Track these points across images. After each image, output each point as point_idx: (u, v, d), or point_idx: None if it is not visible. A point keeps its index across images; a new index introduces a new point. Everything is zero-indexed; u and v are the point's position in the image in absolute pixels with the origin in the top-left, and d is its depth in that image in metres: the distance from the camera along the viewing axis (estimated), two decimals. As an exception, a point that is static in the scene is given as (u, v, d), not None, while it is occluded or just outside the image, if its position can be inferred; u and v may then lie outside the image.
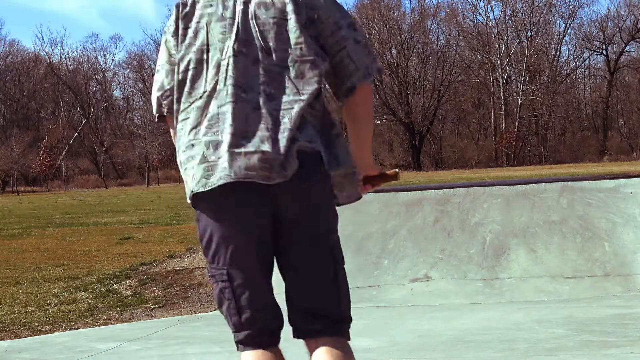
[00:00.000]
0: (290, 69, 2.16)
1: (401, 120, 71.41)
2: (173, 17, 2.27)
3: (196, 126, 2.16)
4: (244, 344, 2.30)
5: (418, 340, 4.83)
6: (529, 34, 73.70)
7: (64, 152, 73.25)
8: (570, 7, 73.75)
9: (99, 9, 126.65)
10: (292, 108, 2.12)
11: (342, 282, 2.35)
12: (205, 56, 2.19)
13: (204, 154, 2.13)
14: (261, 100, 2.13)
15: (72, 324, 6.51)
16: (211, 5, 2.22)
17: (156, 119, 2.41)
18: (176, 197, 36.27)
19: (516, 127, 70.60)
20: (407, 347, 4.65)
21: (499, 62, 72.24)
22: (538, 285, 6.44)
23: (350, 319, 2.32)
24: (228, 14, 2.20)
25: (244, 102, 2.13)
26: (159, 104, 2.34)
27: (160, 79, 2.33)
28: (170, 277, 8.21)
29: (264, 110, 2.12)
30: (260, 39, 2.18)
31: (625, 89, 74.32)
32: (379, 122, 72.39)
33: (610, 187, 7.10)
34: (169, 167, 74.10)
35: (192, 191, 2.17)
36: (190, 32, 2.22)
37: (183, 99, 2.20)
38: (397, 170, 2.52)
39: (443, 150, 75.50)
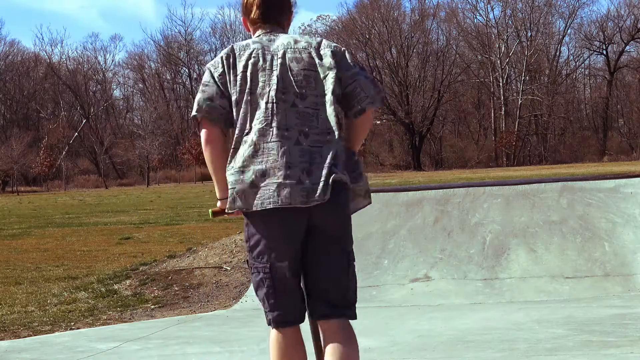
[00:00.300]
0: (320, 110, 2.75)
1: (401, 120, 71.42)
2: (221, 63, 2.83)
3: (247, 156, 2.73)
4: (276, 322, 2.82)
5: (418, 340, 4.83)
6: (529, 34, 73.73)
7: (64, 152, 73.26)
8: (570, 7, 73.82)
9: (99, 9, 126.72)
10: (325, 144, 2.72)
11: (352, 277, 2.85)
12: (249, 97, 2.76)
13: (253, 180, 2.70)
14: (299, 138, 2.71)
15: (72, 324, 6.51)
16: (254, 58, 2.79)
17: (193, 118, 2.91)
18: (176, 197, 36.27)
19: (516, 127, 70.61)
20: (407, 347, 4.65)
21: (499, 62, 72.26)
22: (538, 285, 6.44)
23: (356, 302, 2.86)
24: (267, 65, 2.78)
25: (286, 139, 2.70)
26: (201, 109, 2.85)
27: (210, 94, 2.82)
28: (170, 277, 8.21)
29: (302, 146, 2.70)
30: (295, 86, 2.75)
31: (625, 89, 74.32)
32: (378, 122, 72.42)
33: (610, 187, 7.10)
34: (169, 167, 74.16)
35: (244, 209, 2.74)
36: (239, 79, 2.78)
37: (236, 132, 2.79)
38: None
39: (443, 150, 75.50)
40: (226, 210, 2.80)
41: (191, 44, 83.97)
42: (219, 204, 2.88)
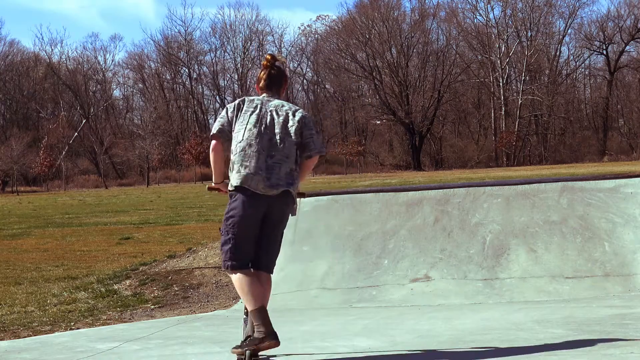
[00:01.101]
0: (285, 144, 4.48)
1: (401, 120, 71.41)
2: (233, 106, 4.62)
3: (239, 159, 4.50)
4: (233, 267, 4.39)
5: (418, 340, 4.84)
6: (529, 34, 73.71)
7: (63, 152, 73.23)
8: (570, 7, 73.77)
9: (99, 9, 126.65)
10: (283, 164, 4.46)
11: (279, 248, 4.64)
12: (245, 128, 4.51)
13: (240, 171, 4.47)
14: (269, 157, 4.45)
15: (72, 324, 6.51)
16: (255, 107, 4.57)
17: (211, 135, 4.61)
18: (176, 197, 36.26)
19: (516, 127, 70.59)
20: (407, 347, 4.65)
21: (499, 62, 72.24)
22: (538, 285, 6.44)
23: (274, 265, 4.59)
24: (262, 113, 4.55)
25: (261, 155, 4.44)
26: (217, 131, 4.59)
27: (222, 122, 4.61)
28: (170, 277, 8.21)
29: (269, 162, 4.44)
30: (274, 127, 4.51)
31: (625, 89, 74.30)
32: (379, 122, 72.46)
33: (610, 187, 7.10)
34: (169, 167, 74.13)
35: (233, 185, 4.46)
36: (240, 117, 4.56)
37: (233, 145, 4.55)
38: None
39: (443, 150, 75.48)
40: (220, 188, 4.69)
41: (191, 44, 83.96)
42: (213, 184, 4.76)
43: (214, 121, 4.79)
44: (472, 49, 74.94)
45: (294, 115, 4.55)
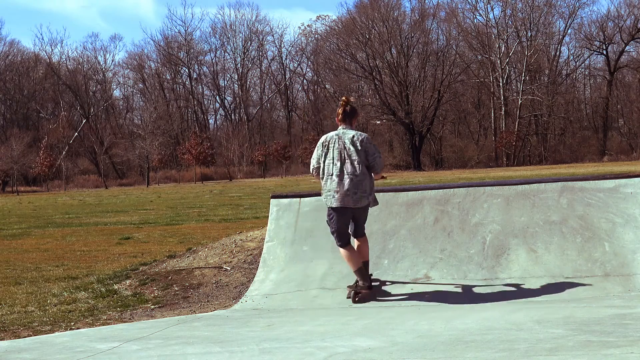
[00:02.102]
0: (361, 165, 6.53)
1: (401, 120, 71.43)
2: (321, 143, 6.69)
3: (327, 183, 6.61)
4: (341, 245, 6.65)
5: (418, 340, 4.84)
6: (529, 34, 73.73)
7: (64, 152, 73.26)
8: (570, 7, 73.82)
9: (99, 9, 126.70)
10: (362, 181, 6.54)
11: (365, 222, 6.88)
12: (331, 161, 6.60)
13: (329, 197, 6.63)
14: (351, 177, 6.52)
15: (72, 324, 6.51)
16: (334, 144, 6.61)
17: (312, 174, 6.77)
18: (176, 197, 36.27)
19: (516, 127, 70.61)
20: (407, 347, 4.65)
21: (499, 62, 72.26)
22: (538, 285, 6.45)
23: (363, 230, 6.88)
24: (337, 146, 6.59)
25: (344, 178, 6.55)
26: (314, 170, 6.75)
27: (314, 161, 6.71)
28: (170, 277, 8.21)
29: (353, 181, 6.52)
30: (350, 154, 6.54)
31: (625, 89, 74.32)
32: (379, 122, 72.48)
33: (610, 187, 7.10)
34: (169, 167, 74.18)
35: (330, 206, 6.64)
36: (327, 152, 6.64)
37: (323, 174, 6.65)
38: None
39: (443, 150, 75.51)
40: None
41: (191, 44, 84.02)
42: None
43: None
44: (472, 49, 74.98)
45: (361, 142, 6.54)
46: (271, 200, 8.12)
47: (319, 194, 8.13)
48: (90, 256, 12.07)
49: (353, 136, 6.53)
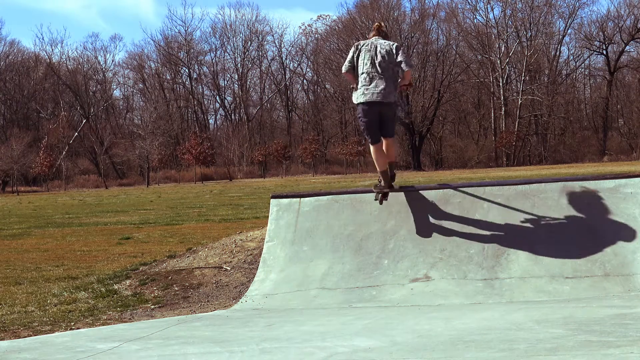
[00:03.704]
0: (389, 67, 7.35)
1: (401, 120, 71.37)
2: (354, 46, 7.60)
3: (361, 82, 7.40)
4: (371, 142, 7.54)
5: (418, 340, 4.84)
6: (529, 34, 73.70)
7: (64, 152, 73.22)
8: (570, 7, 73.77)
9: (99, 9, 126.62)
10: (389, 78, 7.34)
11: (394, 126, 7.85)
12: (362, 62, 7.43)
13: (363, 90, 7.38)
14: (380, 76, 7.32)
15: (72, 324, 6.51)
16: (366, 47, 7.48)
17: (343, 72, 7.56)
18: (176, 197, 36.27)
19: (516, 127, 70.59)
20: (407, 347, 4.65)
21: (499, 62, 72.24)
22: (538, 285, 6.45)
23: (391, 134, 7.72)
24: (370, 48, 7.44)
25: (374, 76, 7.33)
26: (345, 68, 7.51)
27: (347, 61, 7.51)
28: (170, 277, 8.21)
29: (382, 78, 7.30)
30: (380, 56, 7.35)
31: (625, 89, 74.29)
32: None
33: (610, 187, 7.10)
34: (169, 167, 74.14)
35: (359, 101, 7.42)
36: (359, 54, 7.49)
37: (356, 73, 7.46)
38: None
39: (443, 150, 75.47)
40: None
41: (191, 44, 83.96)
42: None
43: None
44: (472, 49, 74.94)
45: (391, 48, 7.29)
46: (271, 200, 8.12)
47: (319, 194, 8.14)
48: (90, 256, 12.07)
49: (385, 42, 7.37)
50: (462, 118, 78.46)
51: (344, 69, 7.51)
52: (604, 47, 73.40)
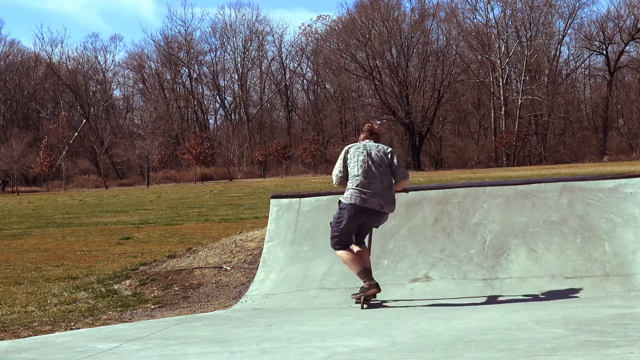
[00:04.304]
0: (385, 174, 6.51)
1: (401, 120, 71.40)
2: (344, 152, 6.65)
3: (353, 185, 6.45)
4: (340, 247, 6.47)
5: (418, 340, 4.84)
6: (529, 34, 73.70)
7: (64, 152, 73.24)
8: (570, 7, 73.77)
9: (99, 9, 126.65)
10: (388, 188, 6.52)
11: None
12: (356, 165, 6.51)
13: (354, 195, 6.42)
14: (378, 182, 6.46)
15: (72, 324, 6.51)
16: (357, 150, 6.60)
17: (336, 185, 6.74)
18: (176, 197, 36.27)
19: (516, 127, 70.59)
20: (407, 347, 4.65)
21: (499, 62, 72.24)
22: (538, 285, 6.45)
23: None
24: (362, 151, 6.59)
25: (369, 181, 6.45)
26: (337, 179, 6.66)
27: (337, 170, 6.65)
28: (170, 277, 8.21)
29: (377, 185, 6.46)
30: (375, 162, 6.50)
31: (625, 89, 74.29)
32: (379, 122, 72.43)
33: (610, 187, 7.10)
34: (169, 167, 74.15)
35: (350, 203, 6.43)
36: (350, 157, 6.60)
37: (349, 177, 6.54)
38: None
39: (443, 150, 75.48)
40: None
41: (191, 44, 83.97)
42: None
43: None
44: (472, 49, 74.94)
45: (385, 153, 6.59)
46: (271, 200, 8.12)
47: (319, 194, 8.13)
48: (90, 256, 12.07)
49: (378, 146, 6.63)
50: (462, 118, 78.46)
51: (336, 181, 6.65)
52: (604, 47, 73.40)
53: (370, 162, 6.44)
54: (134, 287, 8.08)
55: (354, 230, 6.51)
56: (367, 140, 6.72)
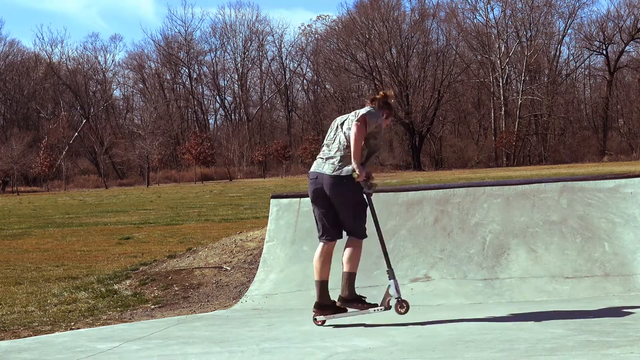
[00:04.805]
0: (343, 142, 5.67)
1: (401, 120, 71.41)
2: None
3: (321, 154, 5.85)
4: (321, 239, 5.73)
5: (418, 340, 4.84)
6: (529, 34, 73.72)
7: (64, 152, 73.23)
8: (570, 7, 73.81)
9: (99, 9, 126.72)
10: (340, 153, 5.67)
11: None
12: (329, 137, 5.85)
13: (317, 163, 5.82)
14: (335, 150, 5.72)
15: (72, 324, 6.51)
16: (330, 128, 5.88)
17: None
18: (176, 197, 36.27)
19: (516, 127, 70.60)
20: (407, 347, 4.65)
21: (499, 62, 72.26)
22: (538, 285, 6.45)
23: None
24: (333, 127, 5.85)
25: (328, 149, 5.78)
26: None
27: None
28: (170, 277, 8.20)
29: (334, 151, 5.73)
30: (340, 133, 5.74)
31: (625, 89, 74.31)
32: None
33: (610, 187, 7.10)
34: (169, 167, 74.16)
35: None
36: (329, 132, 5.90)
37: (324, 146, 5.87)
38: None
39: (443, 150, 75.50)
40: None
41: (191, 44, 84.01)
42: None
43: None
44: (472, 49, 74.97)
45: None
46: (271, 200, 8.11)
47: (319, 194, 8.12)
48: (90, 256, 12.07)
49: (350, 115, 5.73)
50: (462, 118, 78.48)
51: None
52: (604, 47, 73.44)
53: (333, 135, 5.85)
54: (134, 287, 8.07)
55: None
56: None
